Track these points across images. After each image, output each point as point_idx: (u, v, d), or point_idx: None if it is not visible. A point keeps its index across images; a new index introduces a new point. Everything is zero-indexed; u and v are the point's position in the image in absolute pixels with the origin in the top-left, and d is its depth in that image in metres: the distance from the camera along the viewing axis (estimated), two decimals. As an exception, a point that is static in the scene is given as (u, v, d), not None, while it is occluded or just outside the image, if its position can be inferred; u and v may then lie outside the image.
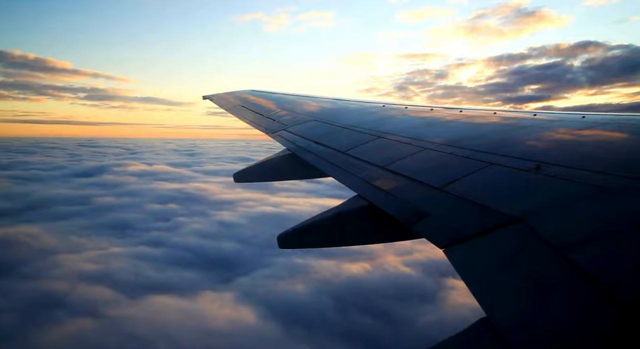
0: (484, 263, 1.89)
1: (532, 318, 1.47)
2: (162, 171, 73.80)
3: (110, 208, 42.76)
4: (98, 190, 53.70)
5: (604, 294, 1.42)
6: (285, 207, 42.86)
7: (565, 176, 2.37)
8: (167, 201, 46.12)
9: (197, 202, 46.03)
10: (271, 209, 42.14)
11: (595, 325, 1.35)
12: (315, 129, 5.53)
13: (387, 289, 22.71)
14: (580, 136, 3.22)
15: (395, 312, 20.34)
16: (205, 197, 49.12)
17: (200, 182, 62.00)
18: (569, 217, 1.97)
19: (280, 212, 40.76)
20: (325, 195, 51.85)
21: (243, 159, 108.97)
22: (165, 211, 41.84)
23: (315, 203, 45.40)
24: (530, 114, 4.39)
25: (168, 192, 51.70)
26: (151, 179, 63.63)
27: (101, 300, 20.03)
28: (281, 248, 3.29)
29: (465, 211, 2.34)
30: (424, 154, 3.49)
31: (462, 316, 19.41)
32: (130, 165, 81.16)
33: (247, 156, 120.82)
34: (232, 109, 8.41)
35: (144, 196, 49.01)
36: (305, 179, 5.22)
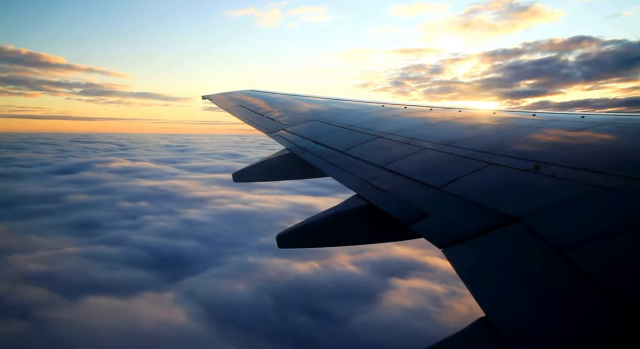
0: (483, 263, 1.90)
1: (531, 318, 1.47)
2: (144, 168, 73.55)
3: (81, 206, 42.48)
4: (74, 187, 53.40)
5: (603, 294, 1.43)
6: (254, 205, 42.66)
7: (564, 176, 2.38)
8: (139, 199, 45.79)
9: (169, 200, 45.83)
10: (240, 207, 41.93)
11: (595, 325, 1.35)
12: (315, 129, 5.56)
13: (331, 289, 22.67)
14: (579, 136, 3.23)
15: (334, 312, 20.34)
16: (179, 194, 48.96)
17: (179, 179, 61.77)
18: (568, 217, 1.98)
19: (248, 210, 40.57)
20: (302, 192, 51.89)
21: (232, 156, 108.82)
22: (135, 209, 41.59)
23: (286, 201, 45.28)
24: (530, 114, 4.42)
25: (143, 190, 51.49)
26: (131, 176, 63.38)
27: (36, 302, 19.94)
28: (280, 248, 3.28)
29: (465, 210, 2.35)
30: (423, 154, 3.51)
31: (393, 318, 19.51)
32: (114, 162, 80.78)
33: (237, 152, 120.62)
34: (231, 108, 8.50)
35: (118, 194, 48.72)
36: (305, 178, 5.21)
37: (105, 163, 77.67)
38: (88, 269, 24.61)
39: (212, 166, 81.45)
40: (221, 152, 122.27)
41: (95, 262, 26.03)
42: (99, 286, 21.82)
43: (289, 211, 40.64)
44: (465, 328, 1.58)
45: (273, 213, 39.34)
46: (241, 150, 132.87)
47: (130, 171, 68.12)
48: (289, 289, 22.55)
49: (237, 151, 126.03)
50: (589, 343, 1.32)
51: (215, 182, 59.61)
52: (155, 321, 18.51)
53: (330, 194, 51.53)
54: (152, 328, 17.95)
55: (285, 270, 24.90)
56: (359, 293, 22.13)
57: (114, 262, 26.43)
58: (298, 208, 42.23)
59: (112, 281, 23.10)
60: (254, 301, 21.11)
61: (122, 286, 22.11)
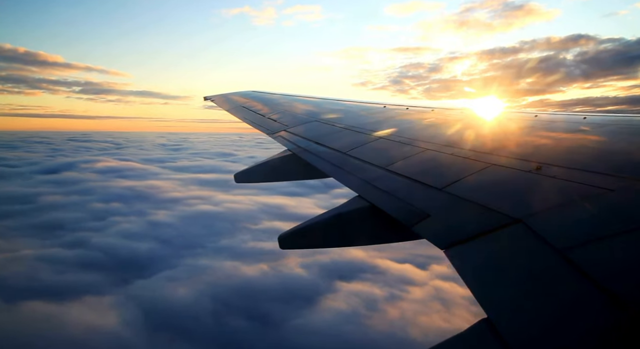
0: (485, 264, 1.90)
1: (533, 319, 1.48)
2: (129, 168, 73.61)
3: (53, 207, 42.36)
4: (52, 188, 53.35)
5: (605, 295, 1.43)
6: (224, 206, 42.71)
7: (566, 177, 2.38)
8: (113, 200, 45.74)
9: (143, 201, 45.84)
10: (209, 208, 41.85)
11: (597, 327, 1.36)
12: (316, 130, 5.57)
13: (275, 292, 22.71)
14: (581, 137, 3.24)
15: (272, 315, 20.40)
16: (154, 195, 48.95)
17: (160, 179, 61.81)
18: (569, 218, 1.98)
19: (216, 212, 40.48)
20: (280, 193, 51.95)
21: (224, 155, 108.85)
22: (106, 210, 41.54)
23: (258, 201, 45.27)
24: (532, 114, 4.44)
25: (120, 191, 51.44)
26: (113, 176, 63.41)
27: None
28: (282, 249, 3.29)
29: (466, 211, 2.35)
30: (424, 155, 3.52)
31: (324, 322, 19.57)
32: (101, 161, 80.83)
33: (230, 151, 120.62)
34: (233, 109, 8.56)
35: (93, 195, 48.75)
36: (306, 179, 5.20)
37: (92, 163, 77.70)
38: (38, 273, 24.52)
39: (199, 166, 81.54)
40: (214, 151, 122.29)
41: (48, 265, 26.00)
42: (42, 291, 21.73)
43: (257, 212, 40.69)
44: (467, 329, 1.58)
45: (240, 214, 39.39)
46: (236, 149, 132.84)
47: (114, 171, 68.20)
48: (233, 293, 22.61)
49: (231, 150, 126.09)
50: (590, 345, 1.31)
51: (195, 182, 59.73)
52: (85, 327, 18.58)
53: (307, 195, 51.68)
54: (80, 333, 18.02)
55: (233, 273, 24.95)
56: (301, 296, 22.18)
57: (67, 265, 26.44)
58: (267, 209, 42.29)
59: (58, 284, 23.01)
60: (194, 305, 21.15)
61: (66, 290, 22.08)
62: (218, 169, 75.41)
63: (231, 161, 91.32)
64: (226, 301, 21.68)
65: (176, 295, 22.20)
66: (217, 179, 62.01)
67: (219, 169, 74.35)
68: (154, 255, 29.14)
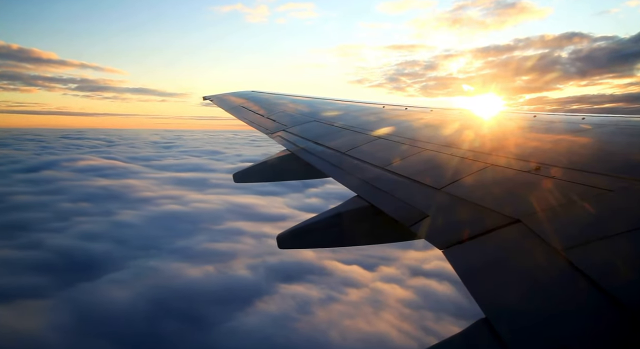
0: (483, 264, 1.89)
1: (532, 319, 1.47)
2: (111, 166, 73.21)
3: (20, 207, 41.79)
4: (26, 187, 52.67)
5: (604, 295, 1.43)
6: (191, 206, 42.58)
7: (564, 177, 2.39)
8: (83, 200, 45.18)
9: (114, 200, 45.48)
10: (176, 208, 41.68)
11: (595, 327, 1.36)
12: (315, 130, 5.59)
13: (215, 294, 22.42)
14: (580, 138, 3.24)
15: (207, 318, 20.17)
16: (126, 194, 48.61)
17: (139, 178, 61.50)
18: (568, 218, 1.98)
19: (182, 211, 40.18)
20: (255, 192, 51.88)
21: (212, 153, 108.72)
22: (72, 210, 40.86)
23: (228, 201, 45.16)
24: (531, 115, 4.43)
25: (94, 190, 51.00)
26: (92, 175, 62.94)
27: None
28: (280, 248, 3.29)
29: (465, 212, 2.36)
30: (423, 155, 3.53)
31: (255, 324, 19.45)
32: (84, 160, 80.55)
33: (219, 149, 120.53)
34: (232, 109, 8.59)
35: (64, 194, 48.17)
36: (305, 179, 5.17)
37: (75, 161, 77.23)
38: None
39: (182, 164, 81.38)
40: (204, 149, 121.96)
41: (-3, 267, 26.03)
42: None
43: (224, 212, 40.45)
44: (465, 329, 1.57)
45: (206, 214, 39.19)
46: (226, 147, 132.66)
47: (95, 170, 67.87)
48: (172, 295, 22.44)
49: (220, 148, 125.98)
50: (589, 345, 1.32)
51: (173, 181, 59.55)
52: (11, 332, 18.47)
53: (282, 194, 51.55)
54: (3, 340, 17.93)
55: (178, 275, 24.76)
56: (240, 298, 22.04)
57: (15, 267, 26.26)
58: (235, 209, 42.09)
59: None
60: (129, 308, 20.95)
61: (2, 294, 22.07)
62: (201, 167, 75.29)
63: (217, 159, 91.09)
64: (163, 303, 21.51)
65: (114, 298, 21.99)
66: (196, 178, 61.91)
67: (201, 168, 74.24)
68: (106, 257, 28.84)
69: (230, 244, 30.31)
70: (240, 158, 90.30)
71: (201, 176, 64.87)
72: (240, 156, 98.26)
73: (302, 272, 25.37)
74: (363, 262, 26.85)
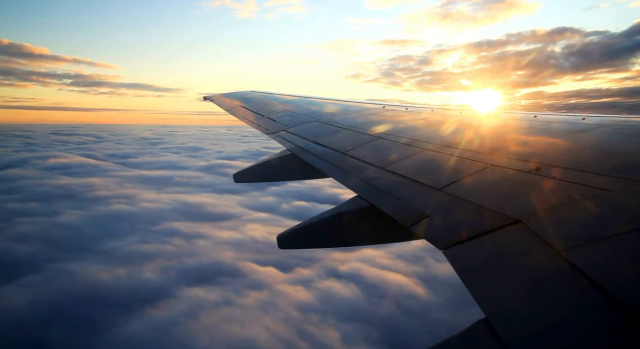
0: (483, 264, 1.90)
1: (532, 320, 1.48)
2: (82, 164, 72.32)
3: None
4: (-16, 186, 53.32)
5: (603, 296, 1.43)
6: (140, 206, 42.14)
7: (564, 178, 2.39)
8: (35, 199, 44.36)
9: (65, 200, 44.78)
10: (124, 208, 41.04)
11: (595, 327, 1.36)
12: (316, 130, 5.60)
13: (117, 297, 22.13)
14: (580, 138, 3.25)
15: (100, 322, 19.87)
16: (81, 193, 47.70)
17: (104, 176, 60.52)
18: (568, 219, 1.99)
19: (128, 211, 39.44)
20: (215, 190, 51.78)
21: (194, 150, 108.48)
22: (19, 210, 40.14)
23: (180, 200, 45.14)
24: (531, 115, 4.44)
25: (51, 189, 50.10)
26: (58, 173, 62.17)
27: None
28: (281, 248, 3.31)
29: (465, 212, 2.36)
30: (424, 155, 3.53)
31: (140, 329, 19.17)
32: (57, 157, 79.94)
33: (204, 146, 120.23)
34: (232, 109, 8.62)
35: (19, 193, 47.21)
36: (305, 179, 5.23)
37: (46, 159, 76.51)
38: None
39: (157, 161, 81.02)
40: (187, 145, 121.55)
41: None
42: None
43: (169, 212, 40.12)
44: (465, 330, 1.57)
45: (149, 214, 38.86)
46: (212, 143, 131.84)
47: (63, 168, 67.49)
48: (75, 299, 22.32)
49: (206, 145, 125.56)
50: (588, 345, 1.32)
51: (136, 179, 59.35)
52: None
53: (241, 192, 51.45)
54: None
55: (88, 278, 24.67)
56: (140, 302, 21.88)
57: None
58: (182, 208, 41.82)
59: None
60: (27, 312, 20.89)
61: None
62: (174, 165, 75.10)
63: (195, 156, 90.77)
64: (62, 307, 21.43)
65: (16, 302, 22.01)
66: (162, 176, 61.74)
67: (174, 166, 74.05)
68: (30, 259, 28.22)
69: (158, 246, 30.08)
70: (220, 155, 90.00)
71: (169, 173, 64.71)
72: (220, 153, 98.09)
73: (215, 274, 25.22)
74: (282, 263, 26.80)
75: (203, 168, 71.30)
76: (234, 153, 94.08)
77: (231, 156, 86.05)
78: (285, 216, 40.86)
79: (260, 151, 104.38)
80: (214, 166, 72.16)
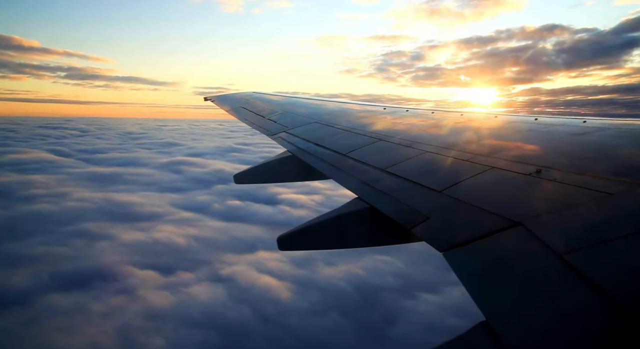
0: (484, 267, 1.90)
1: (532, 322, 1.48)
2: (38, 160, 70.50)
3: None
4: None
5: (604, 299, 1.43)
6: (63, 205, 40.51)
7: (565, 180, 2.40)
8: None
9: (0, 198, 45.26)
10: (46, 207, 40.18)
11: (595, 330, 1.36)
12: (317, 131, 5.63)
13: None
14: (581, 141, 3.26)
15: None
16: (13, 192, 45.97)
17: (55, 173, 60.13)
18: (569, 221, 1.98)
19: (48, 211, 37.63)
20: (160, 189, 51.46)
21: (167, 145, 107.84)
22: None
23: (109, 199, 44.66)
24: (532, 118, 4.44)
25: (-8, 186, 50.84)
26: (8, 170, 61.19)
27: None
28: (281, 250, 3.28)
29: (465, 214, 2.36)
30: (424, 157, 3.54)
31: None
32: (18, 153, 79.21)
33: (181, 141, 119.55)
34: (234, 110, 8.65)
35: None
36: (306, 180, 5.22)
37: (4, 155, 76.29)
38: None
39: (120, 157, 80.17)
40: (165, 141, 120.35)
41: None
42: None
43: (91, 212, 39.00)
44: (465, 332, 1.57)
45: (69, 214, 37.70)
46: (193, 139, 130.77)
47: (16, 164, 66.00)
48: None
49: (186, 140, 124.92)
50: (589, 348, 1.31)
51: (82, 177, 58.97)
52: None
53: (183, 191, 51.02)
54: None
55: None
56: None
57: None
58: (108, 208, 40.87)
59: None
60: None
61: None
62: (135, 162, 74.45)
63: (164, 152, 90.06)
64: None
65: None
66: (112, 173, 61.14)
67: (134, 163, 73.42)
68: None
69: (54, 248, 29.46)
70: (189, 151, 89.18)
71: (123, 171, 64.23)
72: (192, 149, 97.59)
73: (92, 278, 24.80)
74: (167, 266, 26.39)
75: (161, 165, 70.61)
76: (204, 149, 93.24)
77: (199, 152, 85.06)
78: (211, 216, 40.40)
79: (232, 147, 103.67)
80: (173, 163, 71.51)
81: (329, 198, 44.98)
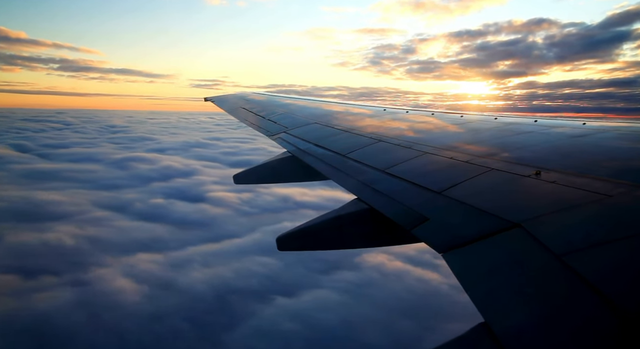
0: (483, 268, 1.90)
1: (531, 324, 1.48)
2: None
3: None
4: None
5: (603, 301, 1.43)
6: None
7: (565, 182, 2.40)
8: None
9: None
10: None
11: (594, 332, 1.36)
12: (316, 132, 5.64)
13: None
14: (581, 143, 3.26)
15: None
16: None
17: (2, 170, 61.25)
18: (568, 223, 1.98)
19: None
20: (98, 186, 51.12)
21: (141, 140, 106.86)
22: None
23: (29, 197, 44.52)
24: (531, 120, 4.46)
25: None
26: None
27: None
28: (280, 250, 3.29)
29: (465, 215, 2.36)
30: (424, 158, 3.55)
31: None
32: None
33: (158, 137, 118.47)
34: (234, 111, 8.64)
35: None
36: (305, 181, 5.19)
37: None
38: None
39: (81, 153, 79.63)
40: (138, 136, 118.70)
41: None
42: None
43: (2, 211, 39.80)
44: (464, 334, 1.57)
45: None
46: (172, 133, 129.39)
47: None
48: None
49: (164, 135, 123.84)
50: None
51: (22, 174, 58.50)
52: None
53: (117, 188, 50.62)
54: None
55: None
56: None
57: None
58: (23, 207, 39.35)
59: None
60: None
61: None
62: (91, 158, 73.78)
63: (128, 147, 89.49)
64: None
65: None
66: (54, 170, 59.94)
67: (90, 159, 72.74)
68: None
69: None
70: (154, 147, 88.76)
71: (68, 167, 63.52)
72: (159, 144, 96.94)
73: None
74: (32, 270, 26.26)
75: (113, 162, 70.09)
76: (170, 144, 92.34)
77: (163, 148, 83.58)
78: (126, 215, 39.71)
79: (199, 142, 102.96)
80: (126, 160, 70.76)
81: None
